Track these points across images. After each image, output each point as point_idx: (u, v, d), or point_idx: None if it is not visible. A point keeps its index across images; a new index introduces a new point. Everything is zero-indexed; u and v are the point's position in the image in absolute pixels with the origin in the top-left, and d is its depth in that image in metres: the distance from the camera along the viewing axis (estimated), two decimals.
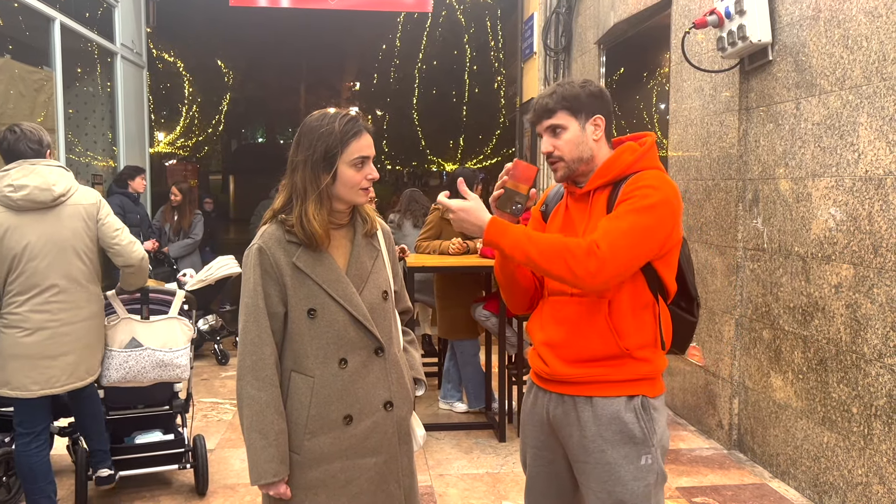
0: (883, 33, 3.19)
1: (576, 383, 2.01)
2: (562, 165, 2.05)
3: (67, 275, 3.23)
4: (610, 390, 1.99)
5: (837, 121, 3.48)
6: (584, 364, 2.00)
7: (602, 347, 1.98)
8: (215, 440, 4.58)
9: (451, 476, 4.05)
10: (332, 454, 1.94)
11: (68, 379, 3.28)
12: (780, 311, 3.93)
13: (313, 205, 1.90)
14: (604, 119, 2.06)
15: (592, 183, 2.05)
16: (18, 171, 3.15)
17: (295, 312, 1.92)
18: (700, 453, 4.37)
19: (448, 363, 5.22)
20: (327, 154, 1.89)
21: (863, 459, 3.33)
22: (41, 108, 5.59)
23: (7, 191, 3.11)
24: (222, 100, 15.12)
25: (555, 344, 2.04)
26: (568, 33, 7.27)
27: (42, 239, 3.16)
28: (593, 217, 2.02)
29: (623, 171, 2.02)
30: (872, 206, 3.25)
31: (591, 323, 1.98)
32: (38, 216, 3.16)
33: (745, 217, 4.26)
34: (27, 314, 3.16)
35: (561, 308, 2.05)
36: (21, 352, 3.16)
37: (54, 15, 5.83)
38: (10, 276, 3.15)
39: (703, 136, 4.66)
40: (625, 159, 2.04)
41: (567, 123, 2.03)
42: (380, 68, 14.32)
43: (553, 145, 2.05)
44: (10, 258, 3.13)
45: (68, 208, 3.23)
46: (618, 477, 1.97)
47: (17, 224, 3.13)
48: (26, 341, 3.16)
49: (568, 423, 2.04)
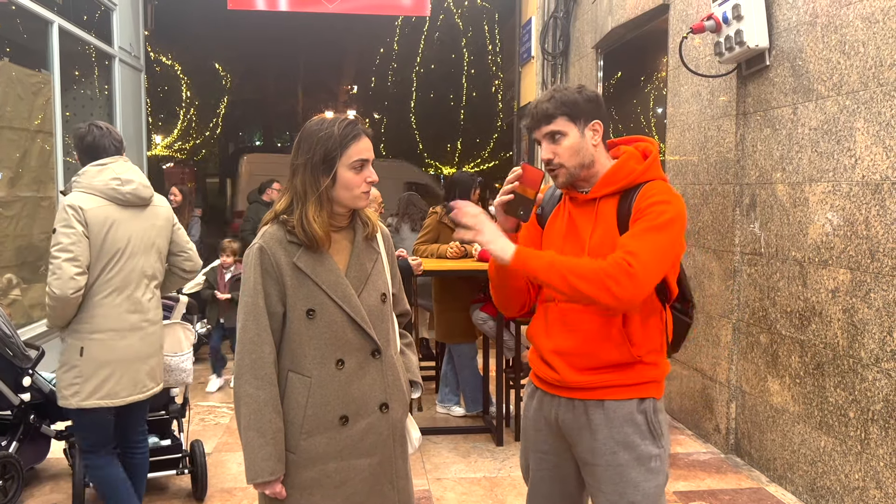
0: (880, 39, 3.20)
1: (587, 389, 2.03)
2: (563, 172, 2.05)
3: (153, 274, 3.17)
4: (621, 394, 2.01)
5: (834, 126, 3.49)
6: (596, 371, 2.02)
7: (615, 356, 2.00)
8: (212, 444, 4.57)
9: (449, 480, 4.05)
10: (328, 454, 1.95)
11: (151, 382, 3.15)
12: (777, 316, 3.94)
13: (313, 207, 1.92)
14: (601, 124, 2.07)
15: (599, 190, 2.05)
16: (120, 166, 3.07)
17: (294, 312, 1.94)
18: (697, 457, 4.38)
19: (446, 367, 5.22)
20: (327, 157, 1.92)
21: (860, 464, 3.33)
22: (39, 110, 5.59)
23: (114, 184, 3.02)
24: (220, 103, 15.10)
25: (566, 352, 2.05)
26: (566, 37, 7.29)
27: (138, 235, 3.09)
28: (599, 224, 2.03)
29: (632, 181, 2.02)
30: (869, 211, 3.26)
31: (606, 332, 2.00)
32: (136, 212, 3.09)
33: (743, 221, 4.27)
34: (124, 315, 3.04)
35: (572, 316, 2.05)
36: (115, 356, 3.02)
37: (52, 18, 5.83)
38: (105, 271, 3.00)
39: (701, 140, 4.67)
40: (631, 167, 2.04)
41: (567, 129, 2.03)
42: (377, 72, 14.32)
43: (553, 152, 2.04)
44: (112, 251, 3.01)
45: (155, 208, 3.19)
46: (629, 479, 1.99)
47: (122, 218, 3.03)
48: (121, 344, 3.03)
49: (578, 426, 2.05)
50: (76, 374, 2.98)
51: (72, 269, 2.87)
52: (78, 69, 6.89)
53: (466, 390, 5.06)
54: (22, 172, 5.39)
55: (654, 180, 2.02)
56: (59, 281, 2.86)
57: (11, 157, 5.26)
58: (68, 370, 2.99)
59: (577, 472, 2.11)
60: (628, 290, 1.83)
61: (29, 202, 5.06)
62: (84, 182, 3.01)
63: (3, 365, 3.57)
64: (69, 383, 2.98)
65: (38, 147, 5.59)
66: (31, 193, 5.17)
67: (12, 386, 3.61)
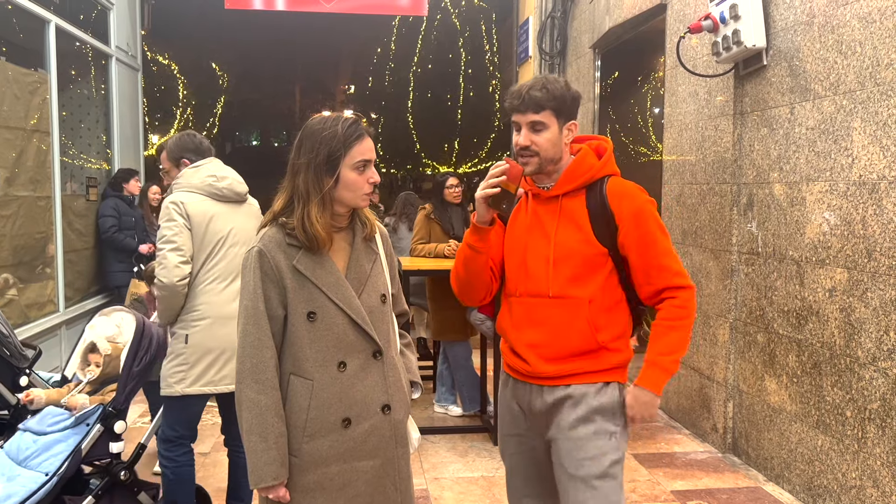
0: (877, 39, 3.21)
1: (556, 377, 2.15)
2: (535, 161, 2.13)
3: None
4: (587, 379, 2.14)
5: (831, 125, 3.50)
6: (564, 360, 2.13)
7: (582, 344, 2.12)
8: (209, 444, 4.56)
9: (447, 479, 4.05)
10: (330, 457, 1.95)
11: None
12: (774, 315, 3.95)
13: (316, 207, 1.91)
14: (576, 125, 2.16)
15: (561, 187, 2.16)
16: (214, 165, 3.27)
17: (294, 315, 1.93)
18: (695, 457, 4.38)
19: (442, 366, 5.22)
20: (330, 157, 1.91)
21: (857, 463, 3.34)
22: (35, 110, 5.57)
23: (210, 180, 3.20)
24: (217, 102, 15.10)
25: (536, 344, 2.16)
26: (563, 37, 7.29)
27: (239, 227, 3.24)
28: (563, 219, 2.14)
29: (591, 177, 2.15)
30: (866, 211, 3.27)
31: (572, 323, 2.12)
32: (234, 207, 3.27)
33: (740, 221, 4.27)
34: (226, 303, 3.13)
35: (538, 309, 2.15)
36: (217, 344, 3.12)
37: (49, 17, 5.81)
38: (208, 261, 3.15)
39: (698, 140, 4.68)
40: (590, 163, 2.16)
41: (550, 123, 2.11)
42: (375, 71, 14.32)
43: (532, 140, 2.11)
44: (214, 241, 3.16)
45: (249, 206, 3.36)
46: (587, 450, 2.11)
47: (221, 211, 3.20)
48: (222, 332, 3.12)
49: (546, 408, 2.17)
50: (181, 362, 3.11)
51: (176, 258, 3.05)
52: (75, 68, 6.87)
53: (463, 390, 5.06)
54: (18, 172, 5.37)
55: (613, 175, 2.18)
56: (165, 270, 3.04)
57: (8, 156, 5.24)
58: (174, 359, 3.13)
59: (549, 454, 2.22)
60: (693, 303, 2.15)
61: (25, 202, 5.04)
62: (183, 182, 3.21)
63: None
64: (174, 371, 3.11)
65: (35, 147, 5.58)
66: (27, 193, 5.16)
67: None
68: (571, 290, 2.11)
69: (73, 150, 6.81)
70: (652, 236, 2.12)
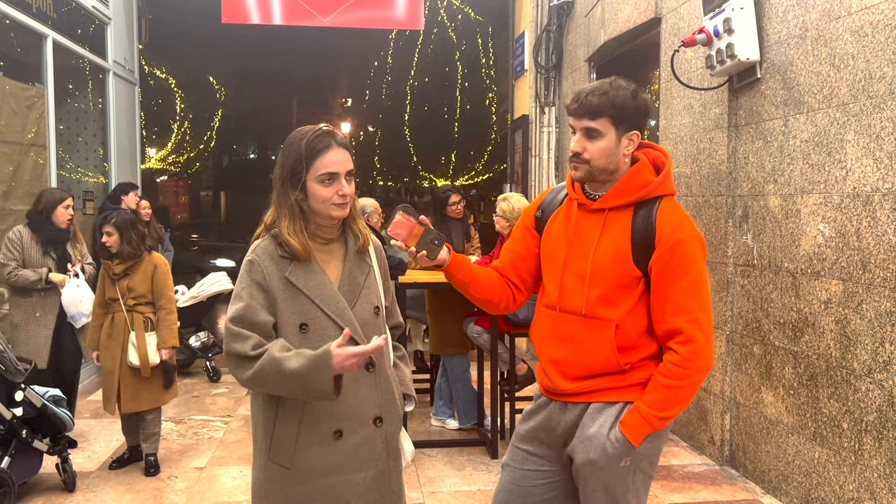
0: (869, 52, 3.23)
1: (576, 394, 2.09)
2: (584, 168, 2.03)
3: None
4: (608, 396, 2.06)
5: (825, 138, 3.52)
6: (585, 379, 2.07)
7: (604, 366, 2.04)
8: (206, 458, 4.54)
9: (444, 493, 4.03)
10: (322, 469, 1.94)
11: None
12: (770, 327, 3.95)
13: (286, 220, 1.93)
14: (639, 135, 2.03)
15: (609, 201, 2.04)
16: None
17: (287, 327, 1.92)
18: (692, 469, 4.37)
19: (440, 380, 5.21)
20: (294, 171, 1.92)
21: (854, 475, 3.34)
22: (33, 124, 5.58)
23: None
24: (214, 116, 15.12)
25: (558, 361, 2.10)
26: (559, 51, 7.33)
27: None
28: (606, 234, 2.04)
29: (644, 195, 2.02)
30: (860, 223, 3.28)
31: (597, 345, 2.03)
32: None
33: (735, 233, 4.29)
34: None
35: (567, 326, 2.08)
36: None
37: (47, 32, 5.84)
38: None
39: (693, 152, 4.70)
40: (644, 179, 2.03)
41: (606, 131, 1.99)
42: (371, 85, 14.38)
43: (584, 147, 2.01)
44: None
45: None
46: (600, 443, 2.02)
47: None
48: None
49: (567, 427, 2.10)
50: None
51: None
52: (72, 83, 6.90)
53: (460, 403, 5.05)
54: (15, 186, 5.38)
55: (668, 196, 2.04)
56: None
57: (5, 170, 5.25)
58: None
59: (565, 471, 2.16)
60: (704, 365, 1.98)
61: (22, 216, 5.04)
62: None
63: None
64: None
65: (32, 161, 5.59)
66: (24, 207, 5.15)
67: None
68: (600, 311, 2.02)
69: (71, 163, 6.82)
70: (684, 269, 1.96)
